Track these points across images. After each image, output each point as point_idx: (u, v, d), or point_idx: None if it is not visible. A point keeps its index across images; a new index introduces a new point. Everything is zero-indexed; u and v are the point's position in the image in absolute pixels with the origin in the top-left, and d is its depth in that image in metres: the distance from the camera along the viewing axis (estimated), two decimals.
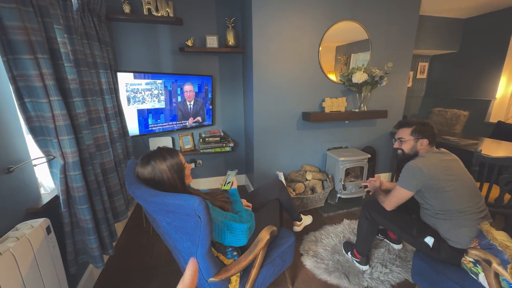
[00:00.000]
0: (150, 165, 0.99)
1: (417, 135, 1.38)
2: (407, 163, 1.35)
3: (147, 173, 0.99)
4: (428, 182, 1.26)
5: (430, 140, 1.36)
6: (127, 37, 2.33)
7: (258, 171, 2.59)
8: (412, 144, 1.40)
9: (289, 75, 2.41)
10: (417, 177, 1.28)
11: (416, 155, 1.41)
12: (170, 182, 1.00)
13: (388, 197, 1.42)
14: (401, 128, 1.45)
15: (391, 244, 1.90)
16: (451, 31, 3.34)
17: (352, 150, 2.66)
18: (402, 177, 1.36)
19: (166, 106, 2.27)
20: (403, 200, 1.36)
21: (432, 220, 1.32)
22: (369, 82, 2.43)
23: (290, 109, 2.51)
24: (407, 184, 1.32)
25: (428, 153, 1.36)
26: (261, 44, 2.25)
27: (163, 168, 0.99)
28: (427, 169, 1.27)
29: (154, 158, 1.00)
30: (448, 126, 3.40)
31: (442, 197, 1.25)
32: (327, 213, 2.40)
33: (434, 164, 1.29)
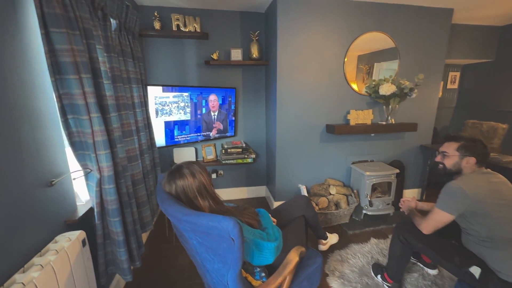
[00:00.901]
0: (173, 183, 1.00)
1: (464, 151, 1.27)
2: (448, 183, 1.25)
3: (172, 190, 1.00)
4: (473, 206, 1.16)
5: (479, 159, 1.25)
6: (156, 52, 2.43)
7: (280, 183, 2.55)
8: (456, 160, 1.30)
9: (313, 86, 2.38)
10: (459, 199, 1.18)
11: (459, 172, 1.31)
12: (193, 199, 1.00)
13: (426, 220, 1.32)
14: (447, 141, 1.36)
15: (426, 268, 1.77)
16: (486, 39, 3.15)
17: (378, 164, 2.54)
18: (442, 198, 1.26)
19: (191, 118, 2.32)
20: (442, 224, 1.26)
21: (477, 248, 1.20)
22: (398, 94, 2.33)
23: (314, 121, 2.46)
24: (448, 207, 1.22)
25: (474, 173, 1.26)
26: (285, 57, 2.25)
27: (186, 185, 0.99)
28: (471, 192, 1.17)
29: (176, 177, 1.01)
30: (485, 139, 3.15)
31: (490, 224, 1.14)
32: (353, 230, 2.29)
33: (480, 186, 1.18)
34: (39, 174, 0.95)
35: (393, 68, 2.53)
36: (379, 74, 2.50)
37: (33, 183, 0.92)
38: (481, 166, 1.28)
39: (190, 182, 0.99)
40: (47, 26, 0.90)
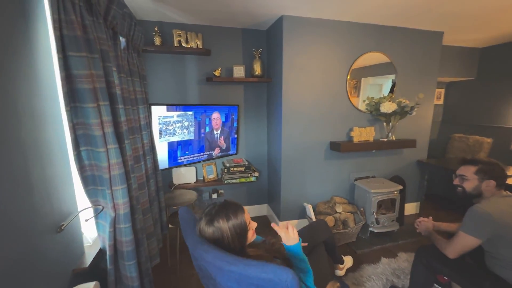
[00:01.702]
0: (211, 226, 0.89)
1: (483, 175, 1.29)
2: (473, 208, 1.26)
3: (209, 233, 0.89)
4: (500, 230, 1.17)
5: (499, 182, 1.27)
6: (155, 68, 2.32)
7: (285, 202, 2.48)
8: (476, 184, 1.31)
9: (317, 104, 2.38)
10: (487, 224, 1.18)
11: (480, 196, 1.32)
12: (229, 243, 0.90)
13: (451, 244, 1.31)
14: (465, 165, 1.38)
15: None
16: (468, 59, 3.39)
17: (381, 181, 2.57)
18: (468, 222, 1.26)
19: (194, 137, 2.21)
20: (469, 249, 1.26)
21: (506, 273, 1.20)
22: (398, 112, 2.40)
23: (318, 138, 2.45)
24: (475, 231, 1.22)
25: (494, 196, 1.27)
26: (291, 74, 2.24)
27: (225, 228, 0.89)
28: (497, 216, 1.17)
29: (218, 217, 0.90)
30: (471, 153, 3.33)
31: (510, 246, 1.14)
32: (361, 250, 2.26)
33: (505, 210, 1.20)
34: (49, 219, 0.81)
35: (378, 84, 2.59)
36: (367, 89, 2.53)
37: (42, 230, 0.77)
38: (501, 189, 1.30)
39: (233, 223, 0.89)
40: (66, 49, 0.79)
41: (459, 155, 3.43)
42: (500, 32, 2.74)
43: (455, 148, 3.55)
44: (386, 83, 2.62)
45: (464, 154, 3.39)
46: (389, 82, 2.61)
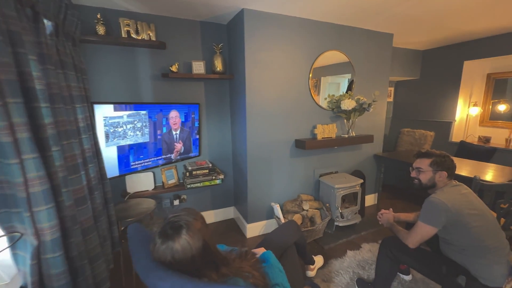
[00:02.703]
0: (170, 245, 0.74)
1: (436, 167, 1.37)
2: (429, 199, 1.32)
3: (166, 256, 0.74)
4: (454, 218, 1.24)
5: (449, 173, 1.36)
6: (99, 61, 2.02)
7: (252, 204, 2.40)
8: (431, 175, 1.39)
9: (281, 102, 2.34)
10: (442, 213, 1.25)
11: (434, 186, 1.40)
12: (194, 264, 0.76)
13: (411, 235, 1.37)
14: (420, 158, 1.44)
15: (401, 275, 1.86)
16: (413, 60, 3.73)
17: (344, 176, 2.65)
18: (425, 213, 1.32)
19: (150, 140, 1.98)
20: (428, 237, 1.32)
21: (459, 257, 1.29)
22: (357, 109, 2.49)
23: (283, 137, 2.42)
24: (432, 220, 1.28)
25: (447, 186, 1.36)
26: (254, 71, 2.16)
27: (186, 246, 0.74)
28: (450, 204, 1.25)
29: (171, 237, 0.74)
30: (418, 145, 3.68)
31: (469, 233, 1.23)
32: (328, 245, 2.30)
33: (456, 198, 1.28)
34: None
35: (336, 82, 2.68)
36: (327, 88, 2.60)
37: None
38: (451, 179, 1.39)
39: (196, 239, 0.75)
40: None
41: (408, 148, 3.76)
42: (441, 36, 3.04)
43: (404, 142, 3.88)
44: (343, 82, 2.71)
45: (412, 147, 3.73)
46: (346, 81, 2.71)
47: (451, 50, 3.42)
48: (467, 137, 3.45)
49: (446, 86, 3.53)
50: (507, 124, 3.20)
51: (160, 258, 0.73)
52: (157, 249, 0.74)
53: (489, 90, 3.33)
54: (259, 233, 2.48)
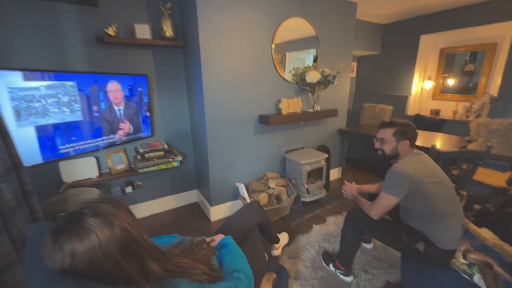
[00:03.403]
0: (65, 249, 0.52)
1: (399, 136, 1.33)
2: (392, 169, 1.29)
3: (65, 262, 0.52)
4: (415, 186, 1.23)
5: (412, 141, 1.33)
6: (4, 19, 1.56)
7: (215, 185, 2.23)
8: (394, 145, 1.35)
9: (242, 74, 2.13)
10: (405, 182, 1.23)
11: (396, 156, 1.37)
12: (112, 269, 0.56)
13: (375, 206, 1.34)
14: (384, 128, 1.39)
15: (363, 244, 1.90)
16: (374, 34, 3.73)
17: (309, 151, 2.61)
18: (388, 183, 1.29)
19: (84, 118, 1.64)
20: (390, 207, 1.30)
21: (418, 224, 1.30)
22: (322, 82, 2.40)
23: (246, 112, 2.24)
24: (395, 190, 1.26)
25: (409, 155, 1.33)
26: (210, 39, 1.88)
27: (95, 246, 0.54)
28: (412, 173, 1.23)
29: (70, 235, 0.53)
30: (378, 119, 3.80)
31: (428, 201, 1.23)
32: (295, 221, 2.27)
33: (418, 167, 1.26)
34: None
35: (302, 58, 2.56)
36: (292, 64, 2.46)
37: None
38: (413, 148, 1.37)
39: (105, 233, 0.56)
40: None
41: (369, 122, 3.87)
42: (401, 8, 3.03)
43: (366, 116, 3.99)
44: (309, 58, 2.59)
45: (373, 121, 3.85)
46: (311, 57, 2.58)
47: (409, 24, 3.47)
48: (421, 110, 3.64)
49: (404, 60, 3.63)
50: (455, 97, 3.43)
51: (56, 265, 0.53)
52: (48, 252, 0.53)
53: (441, 64, 3.50)
54: (224, 215, 2.36)
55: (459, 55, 3.37)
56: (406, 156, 1.34)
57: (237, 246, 0.94)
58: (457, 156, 1.73)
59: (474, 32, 2.99)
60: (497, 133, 2.64)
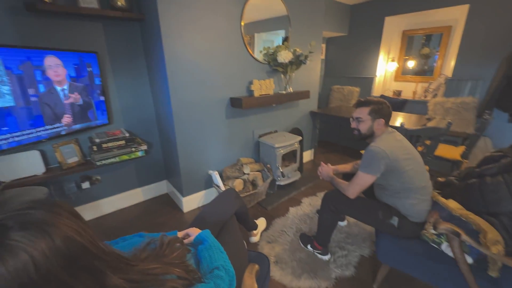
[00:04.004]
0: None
1: (374, 114, 1.32)
2: (369, 148, 1.28)
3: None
4: (391, 164, 1.24)
5: (386, 119, 1.33)
6: None
7: (186, 174, 2.09)
8: (370, 124, 1.34)
9: (211, 53, 1.95)
10: (382, 160, 1.23)
11: (372, 135, 1.37)
12: None
13: (352, 185, 1.34)
14: (359, 107, 1.37)
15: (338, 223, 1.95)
16: (342, 15, 3.72)
17: (283, 134, 2.57)
18: (366, 162, 1.29)
19: (17, 103, 1.35)
20: (367, 186, 1.31)
21: (392, 200, 1.34)
22: (294, 62, 2.32)
23: (217, 95, 2.09)
24: (372, 169, 1.26)
25: (384, 134, 1.34)
26: (170, 11, 1.66)
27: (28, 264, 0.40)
28: (389, 151, 1.23)
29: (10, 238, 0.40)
30: (346, 101, 3.90)
31: (403, 177, 1.25)
32: (271, 205, 2.25)
33: (393, 145, 1.27)
34: None
35: (270, 39, 2.46)
36: (261, 45, 2.34)
37: None
38: (387, 126, 1.38)
39: (41, 253, 0.41)
40: None
41: (338, 104, 3.95)
42: None
43: (335, 98, 4.07)
44: (277, 39, 2.49)
45: (342, 103, 3.94)
46: (279, 38, 2.49)
47: (375, 5, 3.52)
48: (385, 91, 3.81)
49: (370, 42, 3.70)
50: (414, 78, 3.63)
51: None
52: None
53: (403, 46, 3.65)
54: (197, 205, 2.24)
55: (417, 38, 3.53)
56: (381, 135, 1.35)
57: (216, 240, 0.85)
58: (422, 133, 1.82)
59: (433, 15, 3.13)
60: (451, 111, 2.87)
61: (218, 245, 0.84)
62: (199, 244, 0.84)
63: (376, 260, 1.57)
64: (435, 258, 1.18)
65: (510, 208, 1.03)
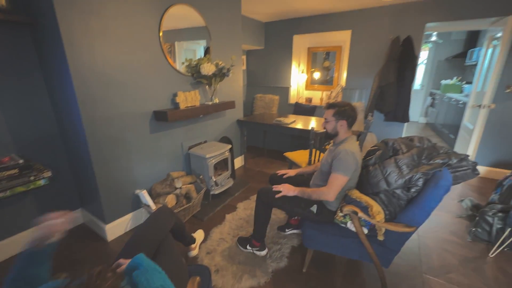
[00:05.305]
0: None
1: (338, 116, 1.49)
2: (343, 152, 1.41)
3: None
4: (356, 166, 1.44)
5: (349, 121, 1.49)
6: None
7: (108, 197, 1.87)
8: (334, 125, 1.51)
9: (129, 64, 1.83)
10: (353, 161, 1.41)
11: (337, 135, 1.53)
12: None
13: (332, 188, 1.40)
14: (327, 109, 1.53)
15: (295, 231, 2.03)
16: (258, 31, 4.09)
17: (213, 144, 2.62)
18: (341, 165, 1.40)
19: None
20: (342, 186, 1.43)
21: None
22: (218, 74, 2.42)
23: (138, 108, 1.96)
24: (346, 170, 1.40)
25: (351, 138, 1.52)
26: (73, 18, 1.49)
27: None
28: (357, 154, 1.44)
29: None
30: (268, 108, 4.28)
31: (355, 176, 1.48)
32: (207, 215, 2.26)
33: (357, 149, 1.48)
34: None
35: (192, 49, 2.51)
36: (182, 54, 2.37)
37: None
38: (350, 130, 1.56)
39: None
40: None
41: (261, 111, 4.29)
42: (278, 10, 3.44)
43: (259, 106, 4.39)
44: (199, 49, 2.54)
45: (265, 110, 4.29)
46: (202, 48, 2.54)
47: (285, 24, 4.02)
48: (299, 99, 4.38)
49: (283, 56, 4.20)
50: (320, 87, 4.33)
51: None
52: None
53: (309, 60, 4.29)
54: (125, 230, 2.02)
55: (320, 54, 4.24)
56: (349, 139, 1.52)
57: (151, 262, 0.83)
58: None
59: (329, 36, 3.82)
60: None
61: (154, 266, 0.83)
62: (134, 270, 0.81)
63: (304, 248, 1.81)
64: (344, 235, 1.47)
65: (384, 187, 1.40)
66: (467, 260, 1.74)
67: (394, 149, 1.55)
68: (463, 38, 5.42)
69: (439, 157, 1.38)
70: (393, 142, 1.57)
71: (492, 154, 2.99)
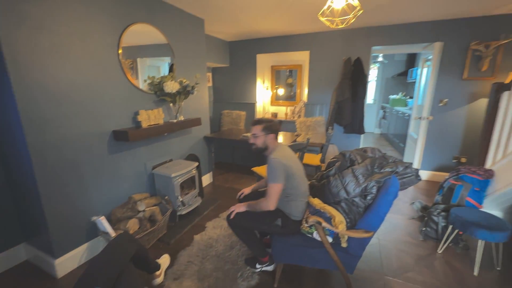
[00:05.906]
0: None
1: (266, 130, 1.57)
2: (269, 161, 1.49)
3: None
4: (287, 170, 1.49)
5: (276, 134, 1.61)
6: None
7: (58, 228, 1.68)
8: (264, 139, 1.58)
9: (84, 82, 1.74)
10: (282, 169, 1.47)
11: (267, 148, 1.60)
12: None
13: (269, 199, 1.47)
14: (255, 125, 1.60)
15: None
16: (223, 49, 4.20)
17: (179, 162, 2.54)
18: (271, 174, 1.47)
19: None
20: (279, 193, 1.49)
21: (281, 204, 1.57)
22: (182, 92, 2.41)
23: (95, 128, 1.85)
24: (278, 178, 1.46)
25: (278, 147, 1.60)
26: (19, 34, 1.39)
27: None
28: (285, 160, 1.50)
29: None
30: (236, 124, 4.33)
31: (292, 182, 1.53)
32: (174, 238, 2.15)
33: (286, 155, 1.55)
34: None
35: (156, 65, 2.50)
36: (145, 71, 2.33)
37: None
38: (277, 140, 1.66)
39: None
40: None
41: (229, 127, 4.32)
42: (240, 30, 3.58)
43: (226, 122, 4.42)
44: (163, 66, 2.52)
45: (232, 125, 4.33)
46: (166, 65, 2.53)
47: (248, 44, 4.20)
48: (265, 114, 4.52)
49: (248, 73, 4.35)
50: (284, 103, 4.53)
51: None
52: None
53: (273, 78, 4.50)
54: (79, 264, 1.82)
55: (283, 71, 4.48)
56: (277, 148, 1.59)
57: None
58: (292, 148, 2.31)
59: (290, 55, 4.08)
60: (311, 127, 3.77)
61: None
62: None
63: None
64: (311, 245, 1.51)
65: (344, 196, 1.50)
66: (420, 258, 1.91)
67: (351, 160, 1.68)
68: (404, 59, 6.23)
69: (388, 166, 1.54)
70: (350, 153, 1.71)
71: (434, 159, 3.39)
